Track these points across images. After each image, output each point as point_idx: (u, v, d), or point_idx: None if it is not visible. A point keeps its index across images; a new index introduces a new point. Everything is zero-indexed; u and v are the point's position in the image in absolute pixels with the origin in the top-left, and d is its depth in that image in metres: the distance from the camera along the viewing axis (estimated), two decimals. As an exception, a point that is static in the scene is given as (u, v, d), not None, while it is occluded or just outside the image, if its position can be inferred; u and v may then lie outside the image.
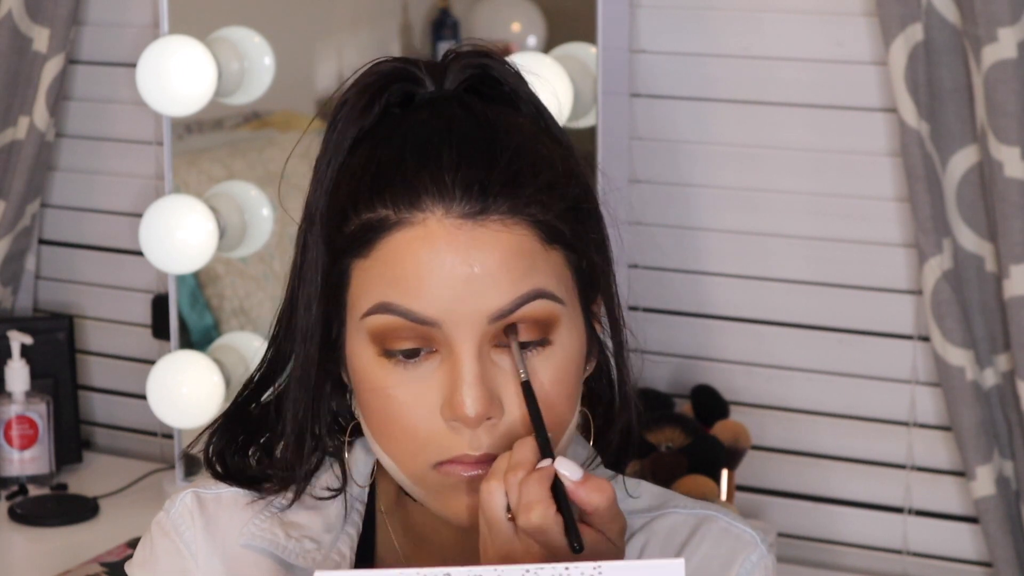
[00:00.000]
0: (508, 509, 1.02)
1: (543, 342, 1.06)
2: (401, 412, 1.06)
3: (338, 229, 1.07)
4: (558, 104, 1.28)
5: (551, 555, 1.01)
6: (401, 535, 1.18)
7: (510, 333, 1.05)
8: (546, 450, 1.03)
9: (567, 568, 0.87)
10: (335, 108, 1.12)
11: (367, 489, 1.19)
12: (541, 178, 1.06)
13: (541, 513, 1.00)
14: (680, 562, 0.88)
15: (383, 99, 1.11)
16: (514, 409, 1.06)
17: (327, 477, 1.18)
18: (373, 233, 1.05)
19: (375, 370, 1.06)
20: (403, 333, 1.05)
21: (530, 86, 1.14)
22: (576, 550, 0.99)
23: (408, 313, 1.04)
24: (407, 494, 1.14)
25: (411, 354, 1.05)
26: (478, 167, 1.04)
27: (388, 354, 1.06)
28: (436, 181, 1.03)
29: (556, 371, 1.07)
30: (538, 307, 1.05)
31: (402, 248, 1.04)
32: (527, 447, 1.03)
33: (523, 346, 1.05)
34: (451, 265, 1.03)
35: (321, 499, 1.17)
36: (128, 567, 1.20)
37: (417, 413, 1.06)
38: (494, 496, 1.02)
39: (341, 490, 1.18)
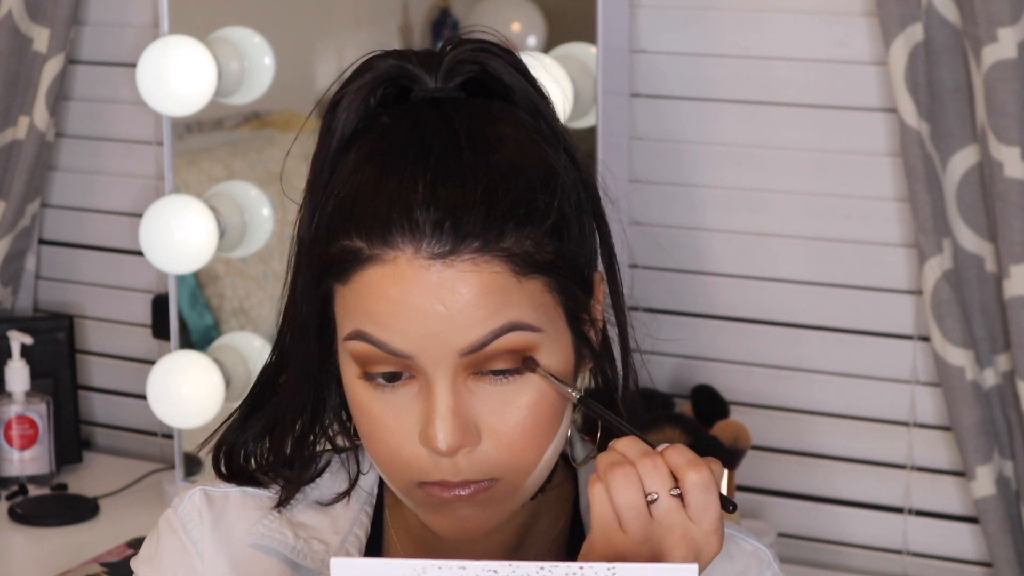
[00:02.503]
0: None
1: (520, 370, 1.05)
2: (384, 434, 1.07)
3: (325, 246, 1.07)
4: (562, 93, 1.27)
5: (687, 532, 1.01)
6: (406, 538, 1.18)
7: (533, 366, 1.05)
8: (645, 441, 1.05)
9: (581, 568, 0.87)
10: (330, 105, 1.12)
11: (375, 492, 1.19)
12: (520, 209, 1.04)
13: (719, 465, 1.03)
14: (693, 567, 0.88)
15: (379, 95, 1.10)
16: (492, 435, 1.06)
17: (335, 478, 1.18)
18: (349, 264, 1.05)
19: (359, 390, 1.07)
20: (380, 359, 1.05)
21: (531, 79, 1.12)
22: (731, 510, 1.01)
23: (381, 344, 1.04)
24: None
25: (392, 377, 1.06)
26: (451, 204, 1.03)
27: (369, 377, 1.06)
28: (408, 218, 1.02)
29: (534, 396, 1.06)
30: (512, 339, 1.04)
31: (373, 284, 1.04)
32: (633, 442, 1.04)
33: (499, 373, 1.05)
34: (420, 303, 1.03)
35: (329, 504, 1.18)
36: (134, 562, 1.20)
37: (399, 436, 1.06)
38: (631, 485, 1.01)
39: (347, 492, 1.18)
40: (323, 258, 1.07)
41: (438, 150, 1.05)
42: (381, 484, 1.20)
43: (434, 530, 1.10)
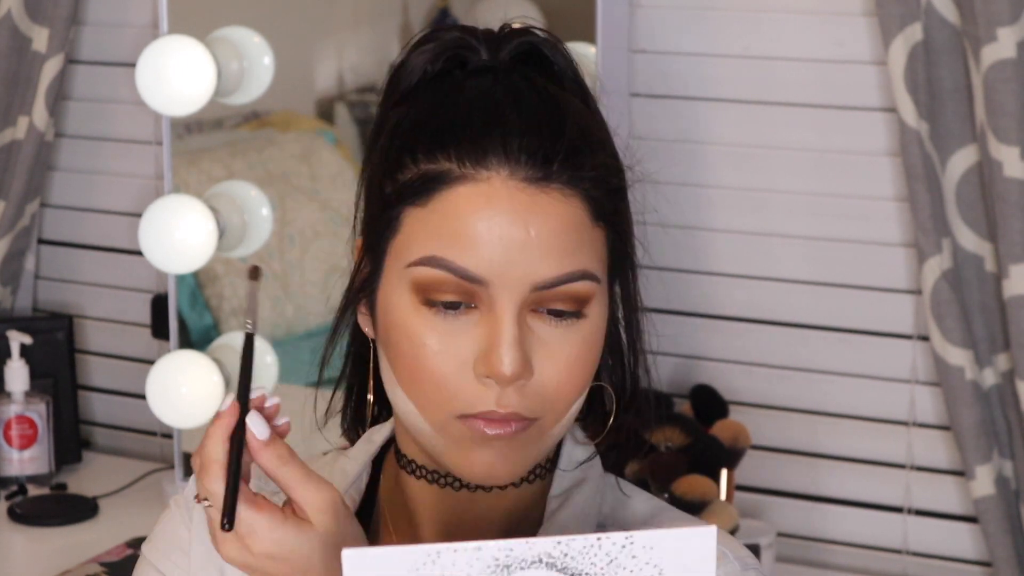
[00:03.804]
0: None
1: (578, 314, 1.08)
2: (434, 361, 1.07)
3: (391, 176, 1.08)
4: (597, 90, 1.28)
5: (215, 535, 1.02)
6: (399, 520, 1.18)
7: (253, 278, 1.06)
8: (244, 404, 1.02)
9: (599, 539, 0.87)
10: (392, 71, 1.14)
11: (366, 475, 1.19)
12: (598, 156, 1.09)
13: (216, 474, 1.00)
14: (712, 529, 0.87)
15: (440, 63, 1.12)
16: (543, 372, 1.07)
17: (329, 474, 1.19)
18: (433, 184, 1.06)
19: (412, 318, 1.07)
20: (447, 287, 1.05)
21: (579, 71, 1.17)
22: (225, 527, 0.98)
23: (458, 269, 1.05)
24: (409, 472, 1.14)
25: (452, 306, 1.06)
26: (544, 136, 1.06)
27: (429, 303, 1.06)
28: (504, 143, 1.05)
29: (585, 343, 1.08)
30: (579, 286, 1.07)
31: (462, 203, 1.05)
32: (229, 408, 1.03)
33: (559, 314, 1.07)
34: (508, 226, 1.04)
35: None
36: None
37: (449, 364, 1.06)
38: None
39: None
40: (391, 185, 1.08)
41: (523, 96, 1.08)
42: (373, 473, 1.19)
43: (459, 473, 1.09)
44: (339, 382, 1.19)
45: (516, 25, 1.15)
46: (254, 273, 1.05)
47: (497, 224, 1.04)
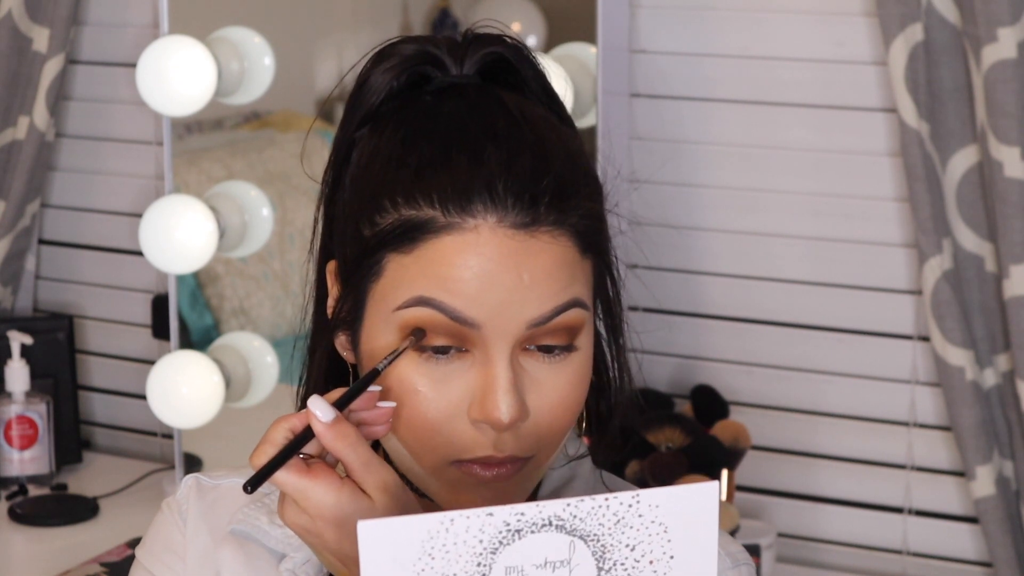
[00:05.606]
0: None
1: (569, 347, 1.06)
2: (427, 408, 1.06)
3: (368, 218, 1.06)
4: (569, 90, 1.27)
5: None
6: None
7: (416, 338, 1.05)
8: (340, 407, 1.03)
9: (606, 499, 0.89)
10: (354, 89, 1.11)
11: None
12: (582, 188, 1.06)
13: (265, 452, 1.00)
14: (714, 484, 0.89)
15: (403, 80, 1.10)
16: (538, 411, 1.06)
17: None
18: (417, 232, 1.04)
19: (402, 364, 1.06)
20: (439, 329, 1.04)
21: (547, 78, 1.13)
22: (247, 490, 0.99)
23: (450, 311, 1.03)
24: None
25: (441, 351, 1.05)
26: (527, 175, 1.04)
27: (420, 348, 1.05)
28: (489, 188, 1.03)
29: (576, 374, 1.07)
30: (572, 315, 1.05)
31: (450, 251, 1.03)
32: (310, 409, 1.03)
33: (549, 350, 1.06)
34: (500, 273, 1.03)
35: None
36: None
37: (442, 410, 1.05)
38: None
39: None
40: (370, 228, 1.06)
41: (501, 125, 1.06)
42: None
43: None
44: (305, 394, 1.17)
45: (480, 31, 1.12)
46: (419, 334, 1.04)
47: (488, 272, 1.02)
